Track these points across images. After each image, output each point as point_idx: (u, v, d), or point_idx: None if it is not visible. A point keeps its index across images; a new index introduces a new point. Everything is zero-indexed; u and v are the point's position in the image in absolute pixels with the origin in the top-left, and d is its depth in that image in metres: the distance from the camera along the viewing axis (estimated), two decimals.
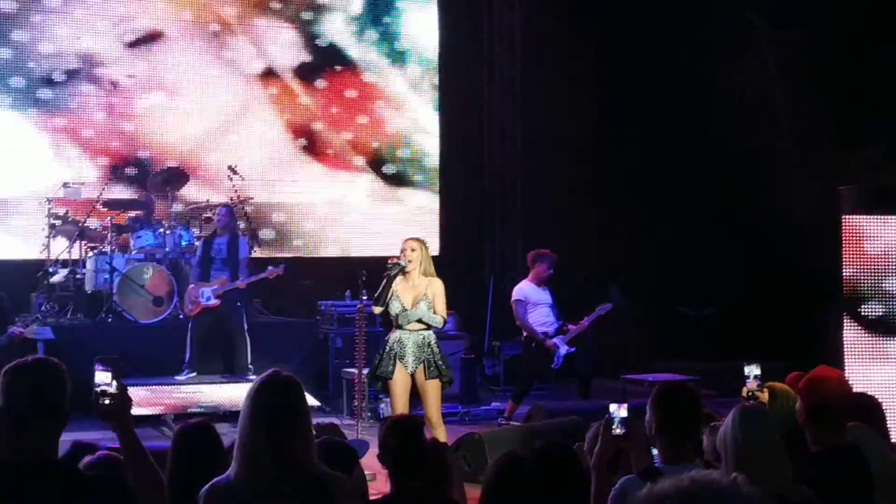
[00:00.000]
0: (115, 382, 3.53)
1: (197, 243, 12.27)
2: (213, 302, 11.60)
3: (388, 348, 8.25)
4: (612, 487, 4.04)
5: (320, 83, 14.78)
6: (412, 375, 8.20)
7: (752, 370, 5.24)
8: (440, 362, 8.19)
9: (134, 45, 13.84)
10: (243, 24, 14.42)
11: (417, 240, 8.44)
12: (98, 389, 3.53)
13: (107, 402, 3.53)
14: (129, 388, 3.64)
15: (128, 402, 3.57)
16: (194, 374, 11.54)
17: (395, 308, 8.23)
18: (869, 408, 5.21)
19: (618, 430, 4.21)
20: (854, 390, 6.76)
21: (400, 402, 8.22)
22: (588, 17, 14.34)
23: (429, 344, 8.21)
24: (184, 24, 14.11)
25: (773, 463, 3.88)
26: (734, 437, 3.94)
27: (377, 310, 8.53)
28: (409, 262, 8.22)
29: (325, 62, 14.83)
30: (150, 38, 13.92)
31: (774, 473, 3.83)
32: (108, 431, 3.63)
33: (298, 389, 3.63)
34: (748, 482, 1.81)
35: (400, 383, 8.19)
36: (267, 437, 3.48)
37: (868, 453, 4.43)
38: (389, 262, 8.29)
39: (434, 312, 8.23)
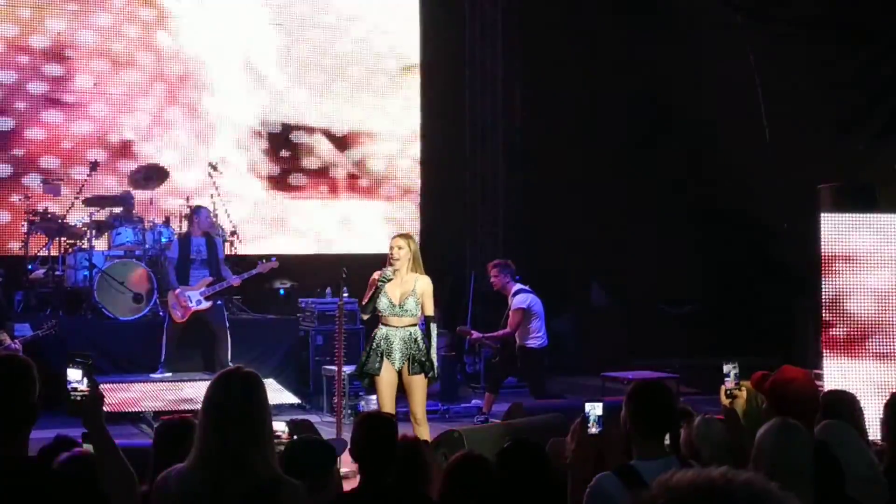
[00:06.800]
0: (86, 379, 3.50)
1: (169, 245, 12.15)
2: (205, 305, 11.54)
3: (374, 345, 8.19)
4: (588, 484, 4.04)
5: None
6: (399, 372, 8.17)
7: (731, 368, 5.20)
8: (425, 358, 8.16)
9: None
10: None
11: (405, 236, 8.40)
12: (70, 387, 3.50)
13: (78, 398, 3.50)
14: (109, 384, 3.61)
15: (100, 399, 3.54)
16: (169, 374, 11.49)
17: (382, 304, 8.18)
18: (844, 404, 5.22)
19: (593, 429, 4.20)
20: (832, 388, 6.79)
21: (386, 399, 8.15)
22: (570, 16, 14.33)
23: (415, 340, 8.14)
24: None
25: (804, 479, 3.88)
26: (774, 451, 3.93)
27: (365, 317, 8.51)
28: (397, 259, 8.17)
29: None
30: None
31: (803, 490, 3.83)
32: None
33: (256, 387, 3.53)
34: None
35: (386, 380, 8.13)
36: (216, 434, 3.42)
37: (841, 450, 4.43)
38: (377, 274, 8.21)
39: (422, 309, 8.22)
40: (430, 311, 8.26)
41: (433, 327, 8.27)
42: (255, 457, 3.42)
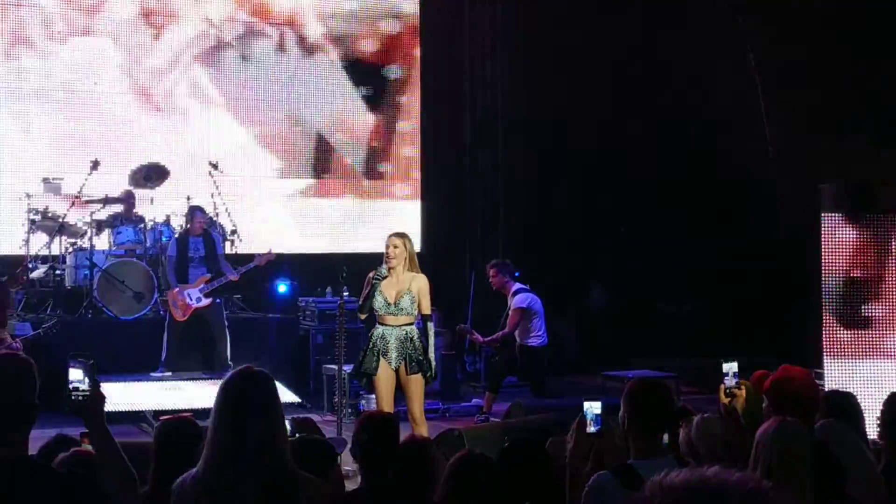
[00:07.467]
0: (87, 379, 3.50)
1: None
2: (205, 302, 11.55)
3: (371, 344, 8.20)
4: (586, 483, 4.04)
5: None
6: (396, 371, 8.17)
7: (731, 367, 5.21)
8: (422, 358, 8.16)
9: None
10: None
11: (400, 235, 8.38)
12: (71, 386, 3.50)
13: (80, 398, 3.50)
14: (109, 383, 3.61)
15: (101, 398, 3.54)
16: (169, 373, 11.49)
17: (378, 304, 8.19)
18: (844, 404, 5.22)
19: (592, 428, 4.20)
20: (831, 387, 6.80)
21: (384, 398, 8.16)
22: (570, 15, 14.32)
23: (411, 339, 8.15)
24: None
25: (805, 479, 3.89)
26: (773, 449, 3.93)
27: (362, 316, 8.52)
28: (393, 258, 8.17)
29: None
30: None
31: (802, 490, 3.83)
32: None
33: (268, 385, 3.53)
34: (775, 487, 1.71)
35: (384, 380, 8.15)
36: (232, 433, 3.42)
37: (841, 450, 4.43)
38: (372, 274, 8.21)
39: (419, 308, 8.22)
40: (426, 309, 8.26)
41: (430, 326, 8.28)
42: (273, 453, 3.42)
